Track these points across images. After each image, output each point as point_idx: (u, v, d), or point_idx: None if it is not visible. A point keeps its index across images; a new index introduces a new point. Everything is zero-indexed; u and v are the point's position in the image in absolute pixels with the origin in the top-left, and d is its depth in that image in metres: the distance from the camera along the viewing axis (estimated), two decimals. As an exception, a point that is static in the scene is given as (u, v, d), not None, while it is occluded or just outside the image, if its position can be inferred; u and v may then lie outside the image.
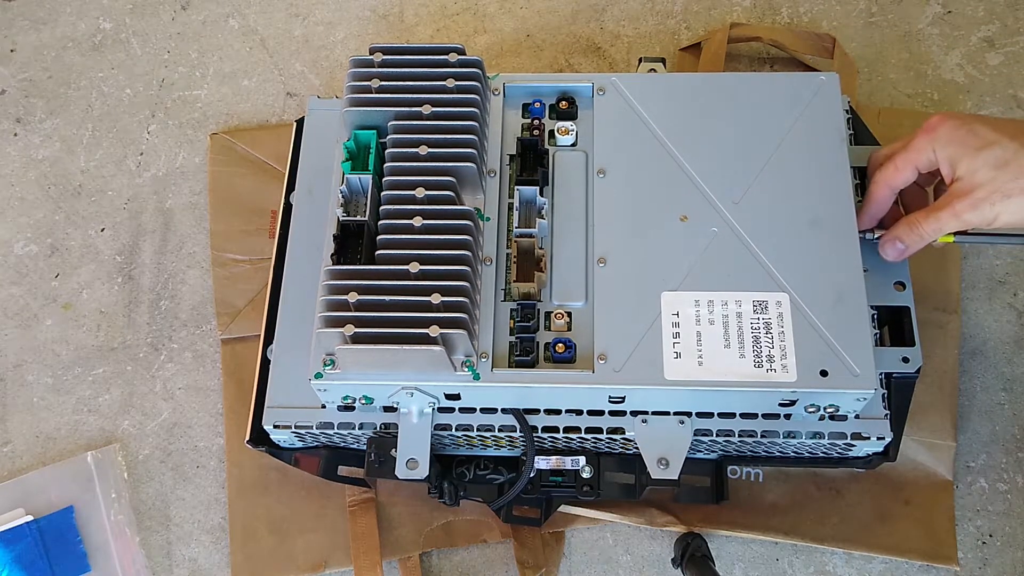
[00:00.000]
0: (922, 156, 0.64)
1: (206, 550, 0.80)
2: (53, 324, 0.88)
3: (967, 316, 0.82)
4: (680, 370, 0.63)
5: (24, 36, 1.00)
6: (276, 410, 0.69)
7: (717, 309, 0.65)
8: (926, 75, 0.92)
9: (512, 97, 0.75)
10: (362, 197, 0.68)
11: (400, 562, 0.77)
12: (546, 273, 0.67)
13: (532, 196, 0.68)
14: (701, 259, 0.66)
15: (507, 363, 0.65)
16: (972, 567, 0.76)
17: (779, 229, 0.67)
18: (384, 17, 0.99)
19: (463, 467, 0.74)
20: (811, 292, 0.65)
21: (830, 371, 0.62)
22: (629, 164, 0.70)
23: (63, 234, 0.91)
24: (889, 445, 0.68)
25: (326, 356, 0.64)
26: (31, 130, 0.95)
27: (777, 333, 0.64)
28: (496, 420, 0.68)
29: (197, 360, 0.86)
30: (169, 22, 1.00)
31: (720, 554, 0.76)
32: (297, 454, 0.74)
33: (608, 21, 0.97)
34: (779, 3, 0.97)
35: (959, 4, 0.95)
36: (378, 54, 0.70)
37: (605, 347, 0.64)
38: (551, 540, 0.78)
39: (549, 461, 0.70)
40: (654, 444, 0.66)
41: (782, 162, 0.69)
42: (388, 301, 0.62)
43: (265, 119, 0.95)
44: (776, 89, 0.72)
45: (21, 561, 0.77)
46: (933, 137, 0.63)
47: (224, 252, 0.88)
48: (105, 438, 0.83)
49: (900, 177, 0.66)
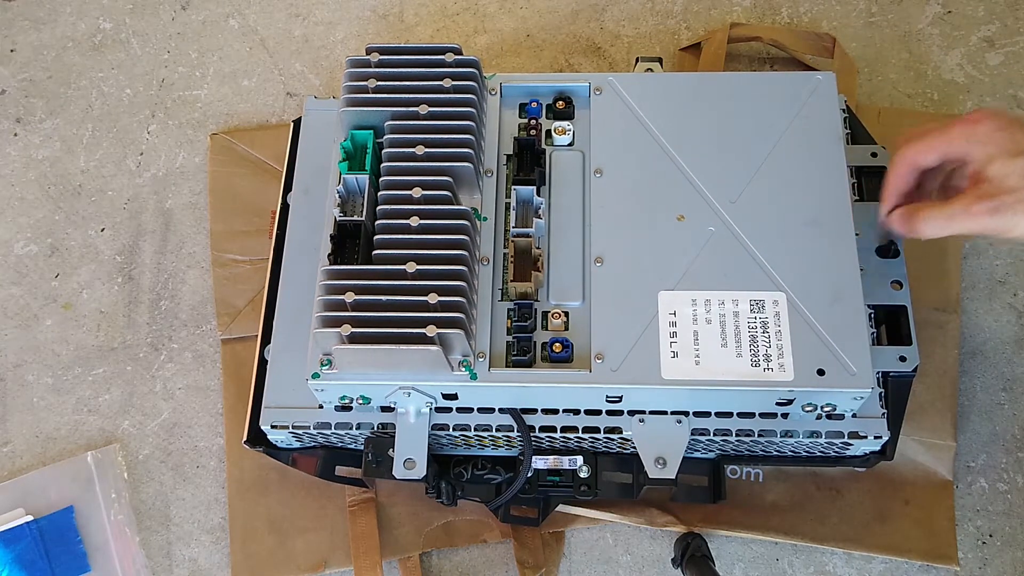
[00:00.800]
0: (954, 146, 0.61)
1: (206, 550, 0.80)
2: (53, 324, 0.88)
3: (967, 316, 0.82)
4: (677, 369, 0.63)
5: (24, 36, 1.00)
6: (273, 410, 0.70)
7: (714, 308, 0.65)
8: (926, 75, 0.92)
9: (509, 97, 0.75)
10: (359, 197, 0.68)
11: (400, 562, 0.77)
12: (543, 273, 0.67)
13: (529, 196, 0.68)
14: (698, 258, 0.66)
15: (504, 363, 0.65)
16: (972, 567, 0.76)
17: (776, 228, 0.67)
18: (384, 17, 0.99)
19: (461, 467, 0.74)
20: (808, 291, 0.65)
21: (827, 370, 0.62)
22: (626, 164, 0.70)
23: (63, 234, 0.91)
24: (886, 444, 0.68)
25: (323, 356, 0.64)
26: (31, 130, 0.96)
27: (774, 332, 0.64)
28: (493, 420, 0.68)
29: (197, 360, 0.86)
30: (169, 22, 1.00)
31: (720, 554, 0.76)
32: (295, 454, 0.74)
33: (608, 21, 0.97)
34: (779, 3, 0.97)
35: (959, 4, 0.95)
36: (375, 54, 0.70)
37: (602, 347, 0.64)
38: (551, 540, 0.78)
39: (547, 461, 0.70)
40: (651, 443, 0.66)
41: (779, 161, 0.69)
42: (385, 301, 0.62)
43: (265, 119, 0.95)
44: (773, 88, 0.72)
45: (21, 561, 0.77)
46: (971, 131, 0.60)
47: (224, 252, 0.88)
48: (105, 438, 0.84)
49: (925, 158, 0.63)
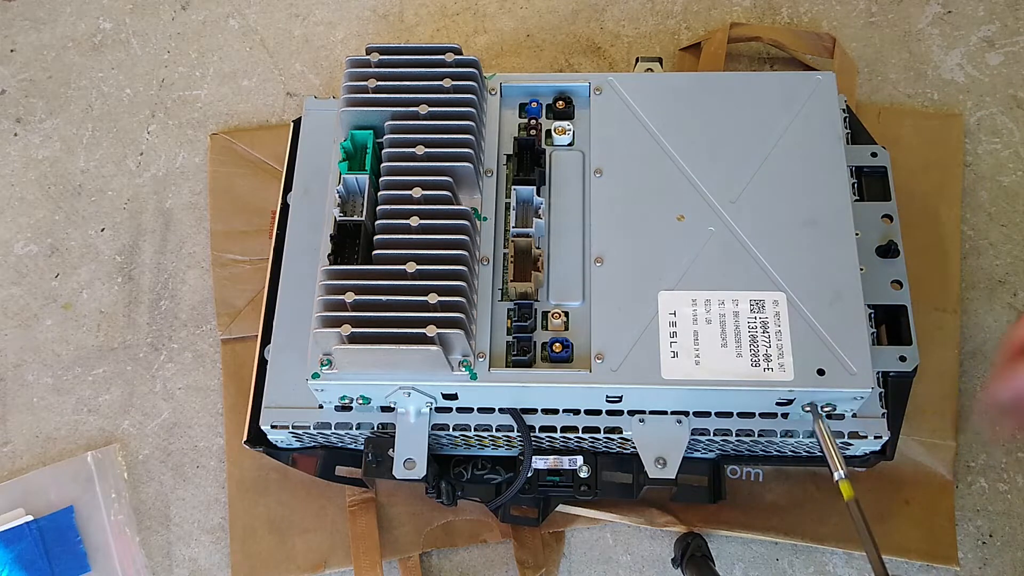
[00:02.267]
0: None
1: (206, 550, 0.80)
2: (53, 324, 0.88)
3: (967, 316, 0.82)
4: (677, 369, 0.63)
5: (24, 36, 1.00)
6: (273, 410, 0.70)
7: (714, 308, 0.64)
8: (926, 75, 0.92)
9: (509, 97, 0.75)
10: (359, 197, 0.68)
11: (400, 562, 0.77)
12: (543, 273, 0.67)
13: (529, 196, 0.68)
14: (698, 258, 0.66)
15: (504, 363, 0.65)
16: (972, 567, 0.76)
17: (776, 228, 0.67)
18: (384, 17, 0.99)
19: (460, 467, 0.74)
20: (808, 291, 0.65)
21: (827, 370, 0.62)
22: (626, 164, 0.70)
23: (63, 234, 0.91)
24: (886, 444, 0.68)
25: (323, 356, 0.64)
26: (31, 130, 0.96)
27: (774, 332, 0.64)
28: (493, 420, 0.68)
29: (197, 360, 0.86)
30: (169, 22, 1.00)
31: (720, 554, 0.76)
32: (295, 454, 0.74)
33: (608, 21, 0.97)
34: (779, 3, 0.97)
35: (959, 4, 0.95)
36: (375, 54, 0.70)
37: (602, 347, 0.64)
38: (551, 540, 0.78)
39: (547, 461, 0.70)
40: (651, 443, 0.66)
41: (779, 161, 0.69)
42: (385, 301, 0.62)
43: (265, 119, 0.95)
44: (773, 88, 0.72)
45: (21, 561, 0.77)
46: None
47: (224, 252, 0.88)
48: (105, 438, 0.84)
49: None
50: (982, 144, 0.89)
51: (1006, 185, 0.87)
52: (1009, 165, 0.88)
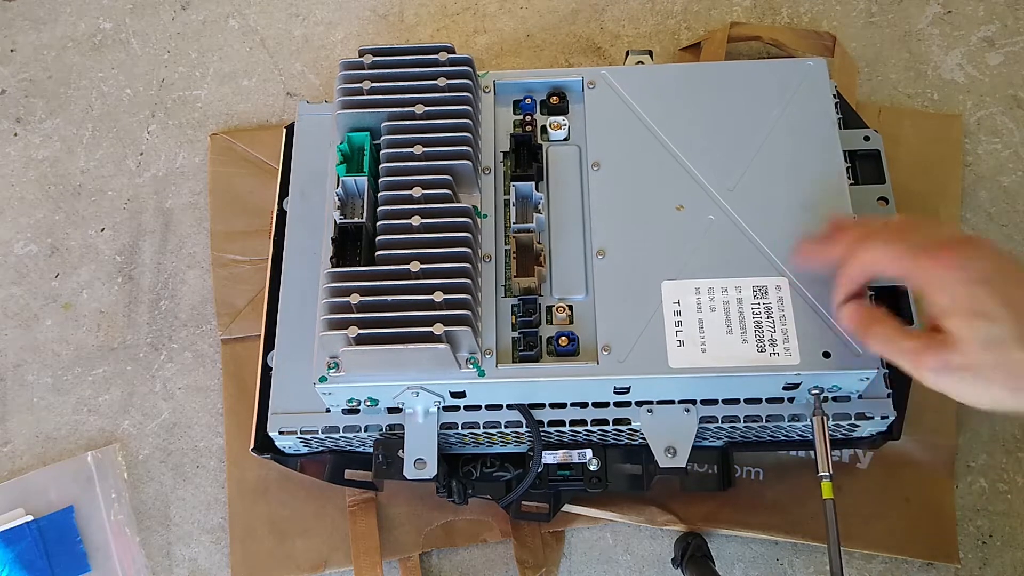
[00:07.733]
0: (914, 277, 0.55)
1: (206, 550, 0.80)
2: (53, 324, 0.88)
3: (967, 315, 0.82)
4: (684, 358, 0.63)
5: (24, 36, 1.00)
6: (280, 416, 0.69)
7: (718, 296, 0.65)
8: (926, 75, 0.92)
9: (503, 94, 0.74)
10: (358, 199, 0.68)
11: (400, 562, 0.77)
12: (546, 267, 0.67)
13: (528, 191, 0.68)
14: (699, 247, 0.66)
15: (511, 359, 0.65)
16: (972, 567, 0.76)
17: (775, 214, 0.67)
18: (384, 17, 0.99)
19: (470, 465, 0.74)
20: (810, 275, 0.64)
21: (832, 353, 0.62)
22: (622, 156, 0.70)
23: (63, 234, 0.91)
24: (893, 424, 0.68)
25: (330, 359, 0.64)
26: (31, 130, 0.96)
27: (778, 317, 0.64)
28: (502, 416, 0.68)
29: (197, 360, 0.86)
30: (169, 22, 1.00)
31: (720, 554, 0.76)
32: (302, 460, 0.74)
33: (608, 21, 0.97)
34: (779, 3, 0.97)
35: (959, 4, 0.95)
36: (368, 56, 0.70)
37: (608, 338, 0.64)
38: (551, 540, 0.78)
39: (556, 455, 0.70)
40: (661, 433, 0.66)
41: (774, 147, 0.69)
42: (390, 301, 0.61)
43: (265, 119, 0.95)
44: (765, 76, 0.72)
45: (21, 561, 0.77)
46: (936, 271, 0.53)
47: (224, 252, 0.88)
48: (105, 438, 0.84)
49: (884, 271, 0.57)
50: (982, 144, 0.89)
51: (1006, 185, 0.87)
52: (1009, 165, 0.88)
